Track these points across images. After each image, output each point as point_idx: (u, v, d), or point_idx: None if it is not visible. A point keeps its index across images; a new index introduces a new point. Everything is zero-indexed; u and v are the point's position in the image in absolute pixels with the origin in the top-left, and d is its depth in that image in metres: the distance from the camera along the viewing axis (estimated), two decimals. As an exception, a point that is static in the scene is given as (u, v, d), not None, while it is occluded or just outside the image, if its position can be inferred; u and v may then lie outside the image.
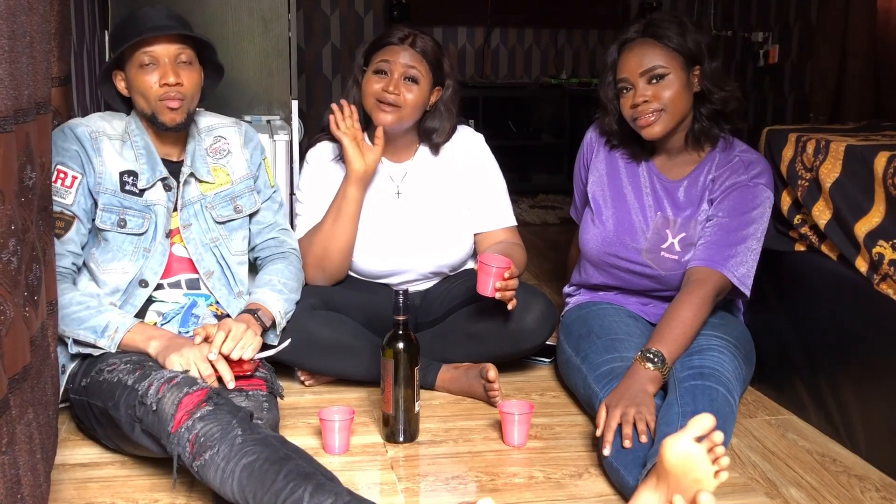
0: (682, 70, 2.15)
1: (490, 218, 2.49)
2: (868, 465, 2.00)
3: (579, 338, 2.26)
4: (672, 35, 2.15)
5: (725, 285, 2.14)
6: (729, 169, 2.22)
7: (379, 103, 2.33)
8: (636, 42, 2.18)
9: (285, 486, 1.52)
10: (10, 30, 1.22)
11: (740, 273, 2.13)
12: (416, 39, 2.36)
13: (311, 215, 2.44)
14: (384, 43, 2.37)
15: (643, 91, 2.14)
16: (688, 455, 1.52)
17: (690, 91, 2.18)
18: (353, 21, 5.66)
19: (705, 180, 2.24)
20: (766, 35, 4.85)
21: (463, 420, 2.20)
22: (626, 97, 2.18)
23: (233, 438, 1.61)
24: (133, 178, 2.06)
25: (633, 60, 2.16)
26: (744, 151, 2.26)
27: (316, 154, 2.49)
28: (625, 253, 2.27)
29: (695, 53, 2.16)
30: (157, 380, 1.74)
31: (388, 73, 2.33)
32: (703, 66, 2.17)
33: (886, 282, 1.95)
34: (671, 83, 2.14)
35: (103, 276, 2.04)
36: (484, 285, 2.15)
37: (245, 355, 1.90)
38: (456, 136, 2.51)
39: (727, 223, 2.17)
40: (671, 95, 2.13)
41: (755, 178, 2.20)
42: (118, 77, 2.06)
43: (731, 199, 2.19)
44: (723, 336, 2.13)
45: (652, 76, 2.14)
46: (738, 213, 2.17)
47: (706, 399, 1.88)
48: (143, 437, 1.75)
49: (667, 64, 2.14)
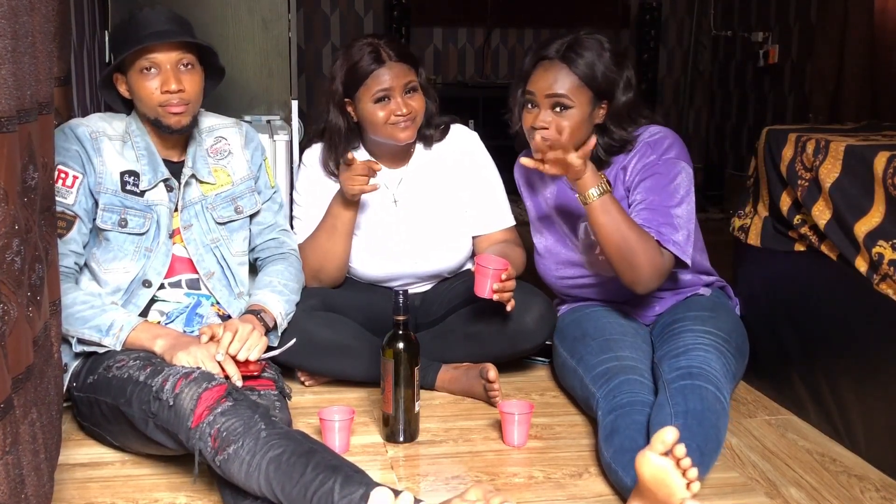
0: (587, 104, 2.14)
1: (488, 220, 2.49)
2: (868, 465, 2.00)
3: (574, 340, 2.26)
4: (587, 66, 2.12)
5: (663, 254, 2.08)
6: (637, 154, 2.20)
7: (394, 125, 2.31)
8: (552, 63, 2.15)
9: (314, 478, 1.52)
10: (12, 30, 1.22)
11: (677, 238, 2.09)
12: (388, 50, 2.30)
13: (309, 220, 2.44)
14: (366, 72, 2.29)
15: (544, 117, 2.13)
16: (656, 470, 1.55)
17: (591, 124, 2.17)
18: (353, 21, 5.66)
19: (616, 172, 2.23)
20: (766, 35, 4.86)
21: (463, 420, 2.20)
22: (529, 112, 2.18)
23: (257, 433, 1.62)
24: (134, 178, 2.06)
25: (543, 81, 2.14)
26: (650, 135, 2.22)
27: (313, 155, 2.48)
28: (570, 272, 2.32)
29: (604, 89, 2.15)
30: (173, 375, 1.74)
31: (390, 97, 2.30)
32: (613, 102, 2.16)
33: (886, 282, 1.95)
34: (572, 115, 2.13)
35: (105, 275, 2.05)
36: (481, 287, 2.15)
37: (251, 356, 1.91)
38: (450, 136, 2.50)
39: (651, 201, 2.13)
40: (570, 126, 2.12)
41: (664, 154, 2.17)
42: (119, 81, 2.06)
43: (646, 181, 2.16)
44: (711, 331, 2.11)
45: (557, 103, 2.13)
46: (657, 191, 2.14)
47: (697, 398, 1.88)
48: (157, 433, 1.76)
49: (573, 96, 2.12)
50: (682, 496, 1.54)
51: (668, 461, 1.55)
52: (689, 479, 1.54)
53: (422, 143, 2.48)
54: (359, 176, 2.26)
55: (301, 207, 2.47)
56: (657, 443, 1.55)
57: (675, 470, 1.54)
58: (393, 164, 2.47)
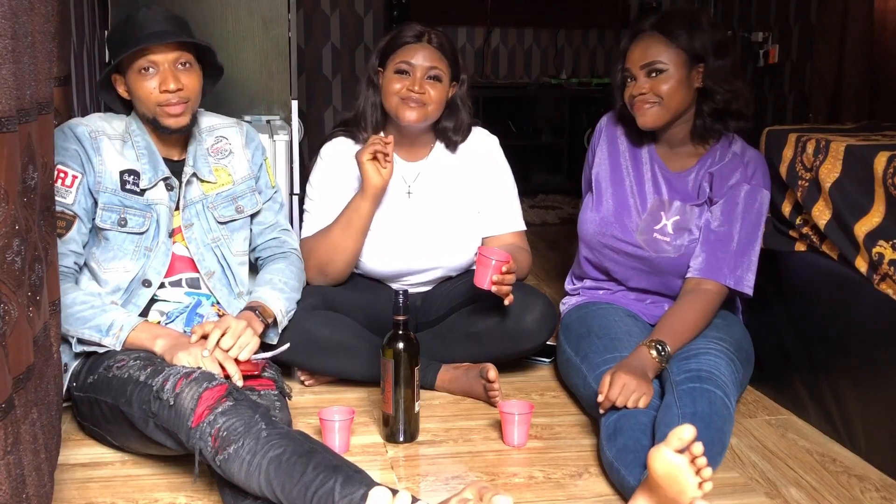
0: (683, 67, 2.18)
1: (499, 221, 2.50)
2: (868, 465, 2.00)
3: (579, 337, 2.27)
4: (679, 32, 2.18)
5: (727, 293, 2.20)
6: (727, 166, 2.25)
7: (404, 101, 2.32)
8: (644, 35, 2.22)
9: (315, 477, 1.52)
10: (12, 30, 1.22)
11: (746, 280, 2.19)
12: (432, 36, 2.35)
13: (321, 214, 2.43)
14: (401, 42, 2.36)
15: (641, 84, 2.20)
16: (670, 467, 1.54)
17: (690, 87, 2.20)
18: (353, 21, 5.66)
19: (704, 174, 2.27)
20: (766, 35, 4.85)
21: (463, 420, 2.20)
22: (628, 86, 2.24)
23: (258, 432, 1.62)
24: (134, 177, 2.06)
25: (637, 53, 2.21)
26: (742, 149, 2.28)
27: (331, 149, 2.47)
28: (620, 232, 2.31)
29: (698, 52, 2.18)
30: (174, 375, 1.74)
31: (410, 72, 2.32)
32: (708, 63, 2.19)
33: (886, 281, 1.95)
34: (668, 78, 2.18)
35: (104, 275, 2.04)
36: (481, 278, 2.15)
37: (241, 356, 1.92)
38: (471, 137, 2.51)
39: (726, 232, 2.20)
40: (667, 90, 2.18)
41: (752, 178, 2.23)
42: (118, 81, 2.06)
43: (729, 203, 2.22)
44: (722, 338, 2.14)
45: (651, 70, 2.19)
46: (737, 220, 2.21)
47: (705, 401, 1.88)
48: (157, 433, 1.76)
49: (667, 60, 2.18)
50: (694, 495, 1.53)
51: (683, 458, 1.54)
52: (703, 479, 1.54)
53: (444, 144, 2.49)
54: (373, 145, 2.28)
55: (313, 201, 2.46)
56: (674, 439, 1.54)
57: (690, 468, 1.53)
58: (411, 157, 2.47)
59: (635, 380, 1.93)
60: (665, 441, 1.56)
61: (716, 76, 2.19)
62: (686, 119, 2.25)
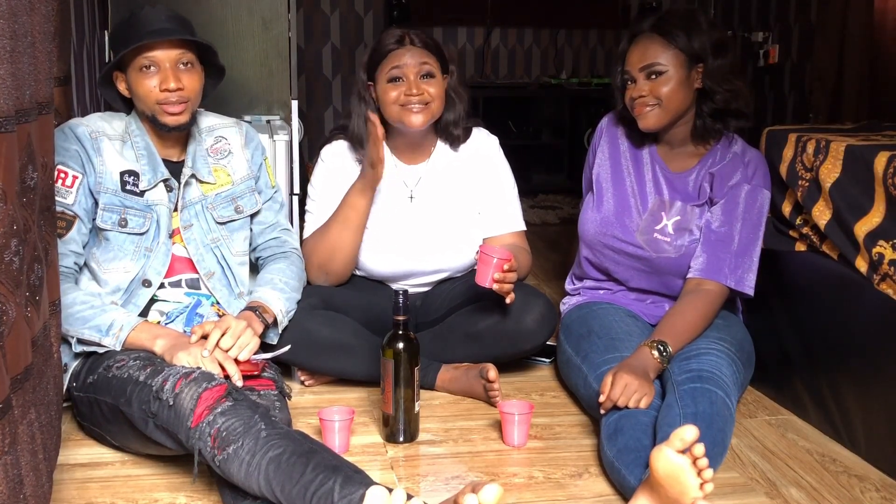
0: (682, 67, 2.18)
1: (499, 222, 2.49)
2: (868, 465, 2.00)
3: (580, 338, 2.27)
4: (678, 33, 2.18)
5: (728, 293, 2.21)
6: (728, 167, 2.25)
7: (405, 107, 2.31)
8: (643, 36, 2.23)
9: (314, 478, 1.52)
10: (11, 29, 1.22)
11: (747, 280, 2.20)
12: (413, 37, 2.34)
13: (321, 214, 2.43)
14: (385, 51, 2.34)
15: (641, 86, 2.20)
16: (672, 467, 1.55)
17: (690, 88, 2.21)
18: (353, 21, 5.66)
19: (705, 174, 2.28)
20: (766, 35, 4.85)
21: (463, 420, 2.20)
22: (628, 88, 2.25)
23: (257, 432, 1.62)
24: (134, 178, 2.06)
25: (635, 55, 2.22)
26: (742, 149, 2.28)
27: (332, 151, 2.46)
28: (620, 233, 2.30)
29: (697, 52, 2.18)
30: (173, 375, 1.74)
31: (403, 77, 2.30)
32: (707, 63, 2.19)
33: (886, 281, 1.95)
34: (668, 79, 2.18)
35: (104, 275, 2.04)
36: (483, 276, 2.15)
37: (241, 356, 1.92)
38: (471, 138, 2.50)
39: (727, 232, 2.20)
40: (667, 91, 2.18)
41: (752, 178, 2.24)
42: (119, 79, 2.06)
43: (730, 203, 2.22)
44: (723, 339, 2.14)
45: (650, 72, 2.19)
46: (738, 220, 2.21)
47: (706, 401, 1.88)
48: (156, 433, 1.76)
49: (666, 61, 2.18)
50: (695, 496, 1.53)
51: (684, 459, 1.54)
52: (704, 480, 1.54)
53: (447, 143, 2.48)
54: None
55: (314, 202, 2.46)
56: (676, 439, 1.54)
57: (691, 468, 1.54)
58: (412, 160, 2.47)
59: (637, 380, 1.93)
60: (667, 441, 1.56)
61: (715, 76, 2.19)
62: (686, 119, 2.26)
